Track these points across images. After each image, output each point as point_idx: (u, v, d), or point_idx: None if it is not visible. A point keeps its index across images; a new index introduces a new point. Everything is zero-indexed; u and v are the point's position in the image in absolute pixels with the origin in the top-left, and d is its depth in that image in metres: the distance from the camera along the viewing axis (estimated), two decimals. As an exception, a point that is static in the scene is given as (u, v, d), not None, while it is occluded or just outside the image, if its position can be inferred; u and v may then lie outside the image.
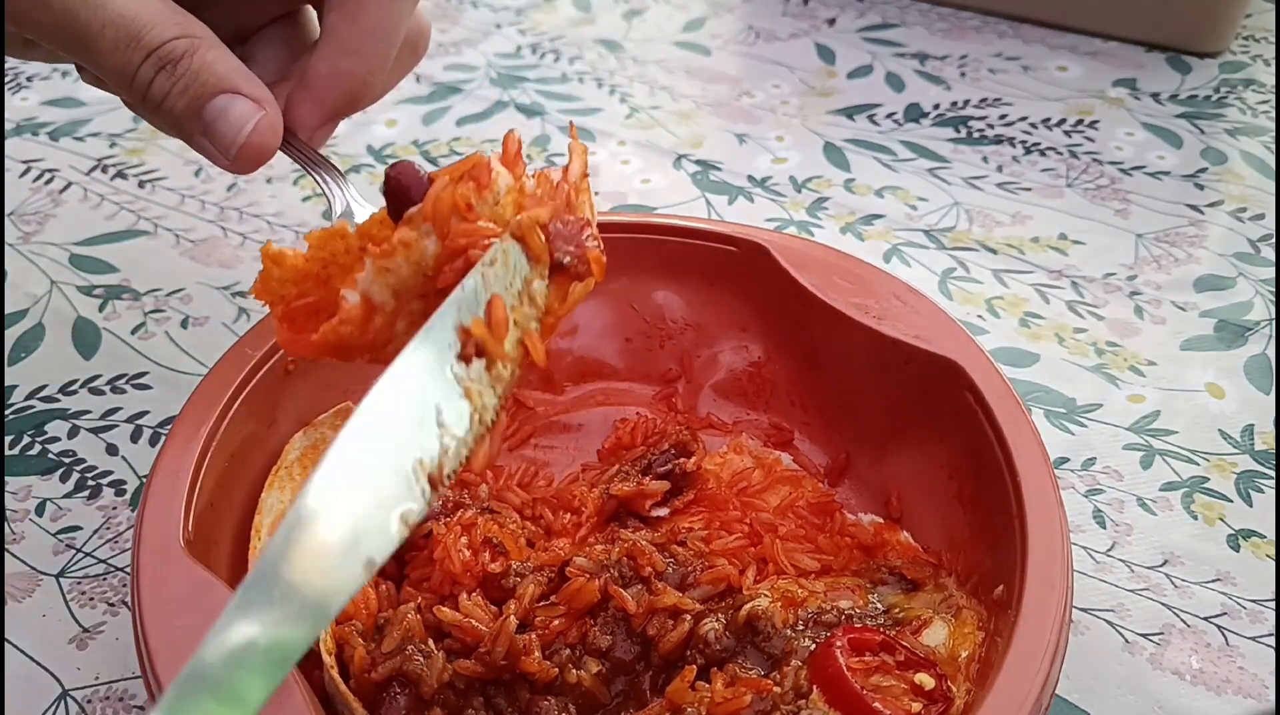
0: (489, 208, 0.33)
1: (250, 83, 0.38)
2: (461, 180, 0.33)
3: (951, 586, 0.40)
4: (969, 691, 0.35)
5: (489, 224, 0.32)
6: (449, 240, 0.32)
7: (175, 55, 0.36)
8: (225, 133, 0.37)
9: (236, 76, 0.37)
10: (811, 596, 0.39)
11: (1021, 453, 0.38)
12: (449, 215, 0.32)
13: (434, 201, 0.32)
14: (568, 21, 0.82)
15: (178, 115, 0.38)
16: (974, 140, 0.68)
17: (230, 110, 0.37)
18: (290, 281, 0.34)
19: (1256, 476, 0.47)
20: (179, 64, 0.36)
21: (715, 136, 0.69)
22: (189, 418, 0.39)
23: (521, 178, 0.34)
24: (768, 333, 0.49)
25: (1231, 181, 0.64)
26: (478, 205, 0.32)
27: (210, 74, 0.37)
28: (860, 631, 0.37)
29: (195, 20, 0.37)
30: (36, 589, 0.43)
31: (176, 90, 0.37)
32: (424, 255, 0.32)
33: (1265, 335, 0.54)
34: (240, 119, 0.37)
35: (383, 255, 0.32)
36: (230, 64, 0.38)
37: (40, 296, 0.56)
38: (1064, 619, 0.33)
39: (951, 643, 0.37)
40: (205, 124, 0.37)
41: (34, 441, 0.49)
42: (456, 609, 0.38)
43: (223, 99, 0.37)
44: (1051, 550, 0.35)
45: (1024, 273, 0.58)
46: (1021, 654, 0.32)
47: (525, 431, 0.49)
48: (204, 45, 0.37)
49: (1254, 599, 0.42)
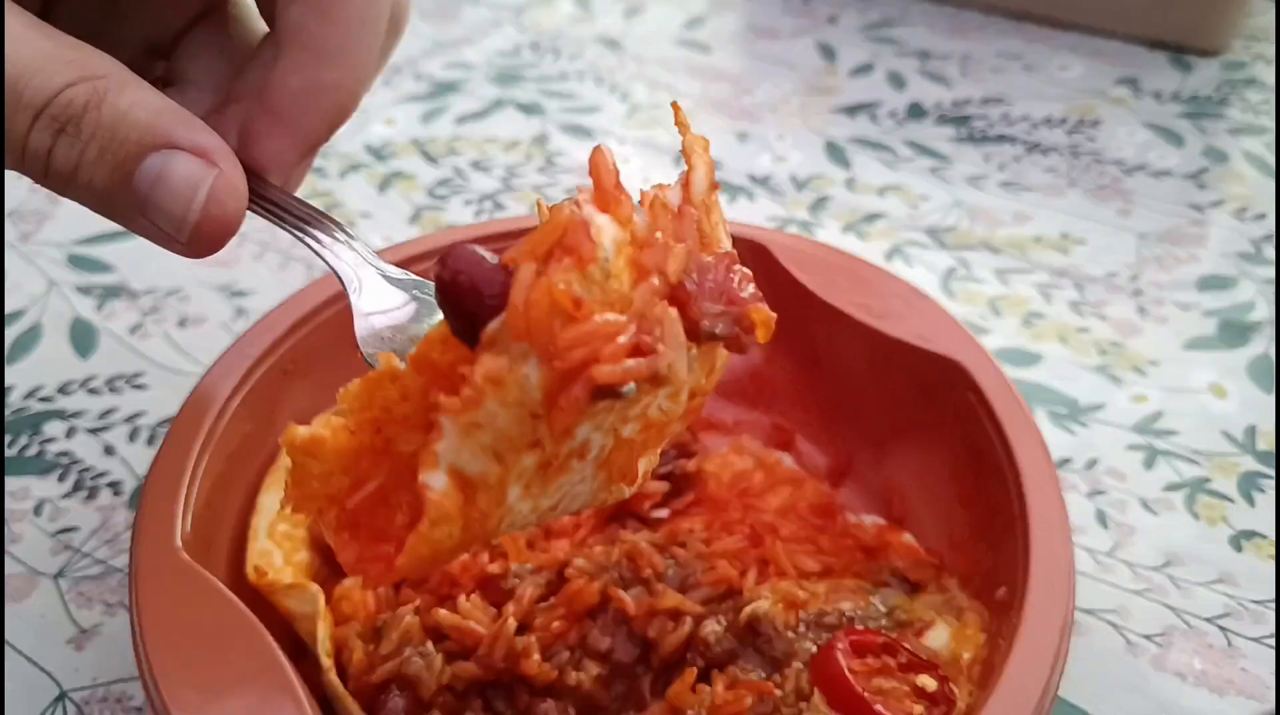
0: (598, 286, 0.23)
1: (189, 127, 0.28)
2: (553, 259, 0.23)
3: (954, 588, 0.39)
4: (971, 694, 0.35)
5: (607, 315, 0.23)
6: (558, 359, 0.22)
7: (75, 110, 0.26)
8: (171, 207, 0.28)
9: (168, 123, 0.28)
10: (813, 598, 0.39)
11: (1024, 454, 0.38)
12: (551, 323, 0.22)
13: (526, 309, 0.22)
14: (567, 19, 0.82)
15: (98, 191, 0.28)
16: (976, 139, 0.68)
17: (170, 174, 0.27)
18: (336, 472, 0.25)
19: (1259, 477, 0.46)
20: (83, 121, 0.26)
21: (716, 135, 0.69)
22: (187, 418, 0.39)
23: (630, 220, 0.24)
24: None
25: (1233, 181, 0.64)
26: (585, 291, 0.22)
27: (130, 127, 0.27)
28: (862, 634, 0.37)
29: (94, 52, 0.27)
30: (34, 589, 0.42)
31: (89, 159, 0.27)
32: (525, 389, 0.23)
33: (1267, 335, 0.53)
34: (186, 184, 0.28)
35: (465, 408, 0.22)
36: (154, 105, 0.28)
37: (38, 296, 0.56)
38: (1067, 621, 0.33)
39: (954, 645, 0.37)
40: (140, 198, 0.28)
41: (32, 442, 0.48)
42: (455, 611, 0.37)
43: (156, 159, 0.27)
44: (1054, 551, 0.35)
45: (1026, 272, 0.58)
46: (1024, 656, 0.32)
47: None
48: (113, 87, 0.27)
49: (1256, 600, 0.42)
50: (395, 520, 0.24)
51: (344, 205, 0.63)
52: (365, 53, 0.31)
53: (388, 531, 0.24)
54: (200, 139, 0.28)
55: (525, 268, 0.22)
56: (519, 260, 0.23)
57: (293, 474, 0.25)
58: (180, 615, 0.32)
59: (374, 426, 0.24)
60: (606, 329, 0.22)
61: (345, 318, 0.32)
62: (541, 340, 0.22)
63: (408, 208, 0.63)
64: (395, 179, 0.65)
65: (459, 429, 0.23)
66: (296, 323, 0.42)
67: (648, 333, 0.23)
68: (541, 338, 0.22)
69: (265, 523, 0.39)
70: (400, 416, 0.24)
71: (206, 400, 0.39)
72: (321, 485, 0.25)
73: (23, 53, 0.26)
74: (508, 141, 0.69)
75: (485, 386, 0.22)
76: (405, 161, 0.67)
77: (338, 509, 0.25)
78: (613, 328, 0.22)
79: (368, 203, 0.63)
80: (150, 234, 0.29)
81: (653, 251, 0.24)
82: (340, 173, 0.66)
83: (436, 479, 0.23)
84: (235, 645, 0.32)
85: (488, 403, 0.22)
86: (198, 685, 0.31)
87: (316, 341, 0.43)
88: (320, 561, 0.41)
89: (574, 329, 0.22)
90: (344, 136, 0.68)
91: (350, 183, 0.65)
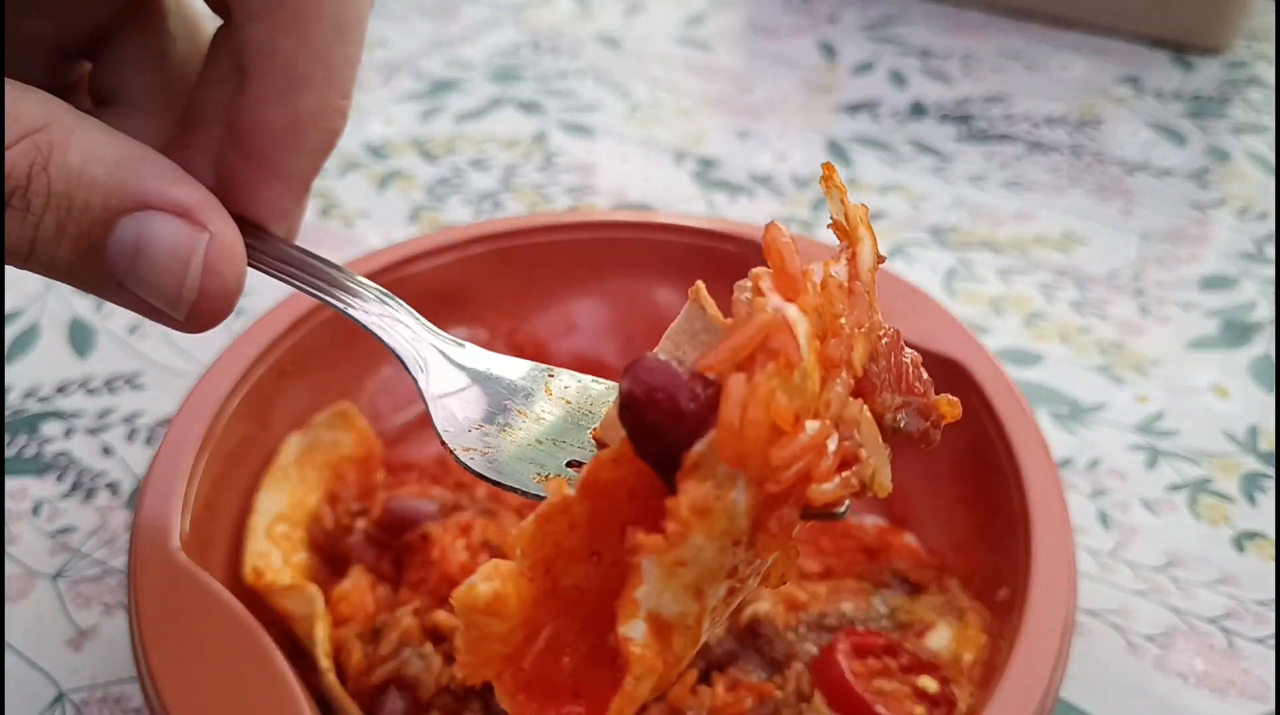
0: (798, 390, 0.20)
1: (160, 178, 0.23)
2: (756, 364, 0.20)
3: (955, 589, 0.39)
4: (972, 695, 0.35)
5: (813, 424, 0.20)
6: (771, 481, 0.20)
7: (18, 180, 0.21)
8: (160, 283, 0.23)
9: (133, 175, 0.22)
10: (814, 600, 0.39)
11: (1026, 454, 0.38)
12: (767, 445, 0.20)
13: (743, 429, 0.19)
14: (567, 18, 0.82)
15: (64, 270, 0.23)
16: (977, 138, 0.68)
17: (151, 243, 0.22)
18: (518, 628, 0.22)
19: (1261, 478, 0.46)
20: (30, 191, 0.21)
21: (716, 134, 0.69)
22: (185, 418, 0.39)
23: (814, 308, 0.21)
24: None
25: (1235, 180, 0.64)
26: (791, 399, 0.20)
27: (89, 190, 0.22)
28: (863, 635, 0.37)
29: (20, 90, 0.22)
30: (32, 590, 0.42)
31: (45, 235, 0.22)
32: (733, 517, 0.20)
33: (1269, 335, 0.53)
34: (173, 256, 0.23)
35: (670, 546, 0.20)
36: (112, 154, 0.22)
37: (36, 296, 0.56)
38: (1069, 622, 0.33)
39: (955, 646, 0.36)
40: (120, 275, 0.23)
41: (30, 442, 0.48)
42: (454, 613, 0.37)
43: (130, 224, 0.22)
44: (1056, 552, 0.35)
45: (1028, 272, 0.57)
46: (1026, 657, 0.32)
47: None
48: (57, 139, 0.22)
49: (1258, 601, 0.42)
50: (562, 666, 0.21)
51: (342, 204, 0.63)
52: (348, 65, 0.25)
53: (558, 682, 0.21)
54: (177, 193, 0.23)
55: (735, 381, 0.20)
56: (723, 371, 0.20)
57: (465, 638, 0.21)
58: (178, 616, 0.32)
59: (545, 566, 0.22)
60: (815, 441, 0.20)
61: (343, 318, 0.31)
62: (756, 462, 0.19)
63: (406, 207, 0.63)
64: (393, 178, 0.65)
65: (662, 570, 0.20)
66: (294, 323, 0.42)
67: (848, 438, 0.21)
68: (757, 462, 0.19)
69: (264, 523, 0.39)
70: (568, 549, 0.22)
71: (205, 400, 0.39)
72: (503, 645, 0.21)
73: None
74: (507, 140, 0.69)
75: (691, 521, 0.20)
76: (403, 160, 0.67)
77: (513, 671, 0.22)
78: (821, 438, 0.20)
79: (366, 202, 0.63)
80: (139, 310, 0.24)
81: (839, 341, 0.22)
82: (338, 172, 0.65)
83: (637, 629, 0.20)
84: (233, 647, 0.31)
85: (694, 537, 0.20)
86: (196, 686, 0.30)
87: (314, 341, 0.43)
88: (319, 562, 0.41)
89: (786, 445, 0.20)
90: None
91: (348, 182, 0.64)
